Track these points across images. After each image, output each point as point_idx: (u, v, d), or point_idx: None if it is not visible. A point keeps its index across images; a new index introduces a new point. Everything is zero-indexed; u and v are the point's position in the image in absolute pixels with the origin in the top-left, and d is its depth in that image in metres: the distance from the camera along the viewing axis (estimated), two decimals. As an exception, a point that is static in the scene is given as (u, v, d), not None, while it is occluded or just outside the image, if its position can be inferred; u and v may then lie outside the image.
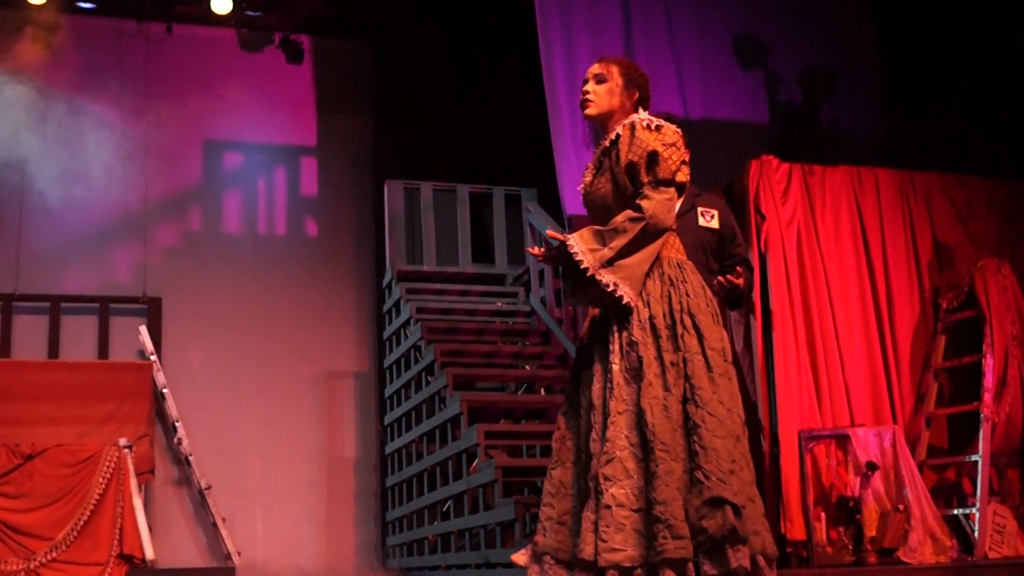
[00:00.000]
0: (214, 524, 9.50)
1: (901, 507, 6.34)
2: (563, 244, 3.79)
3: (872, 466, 6.40)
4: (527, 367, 8.17)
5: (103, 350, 9.97)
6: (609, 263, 3.72)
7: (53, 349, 9.89)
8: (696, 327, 3.73)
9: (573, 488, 3.85)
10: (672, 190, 3.79)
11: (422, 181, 9.50)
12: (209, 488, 9.53)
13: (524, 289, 8.95)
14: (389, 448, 9.18)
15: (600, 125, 3.98)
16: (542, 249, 3.95)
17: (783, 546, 6.56)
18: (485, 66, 10.02)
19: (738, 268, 5.12)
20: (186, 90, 10.58)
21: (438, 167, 9.75)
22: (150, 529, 8.11)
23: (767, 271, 6.91)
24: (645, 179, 3.78)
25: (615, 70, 3.96)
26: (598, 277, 3.71)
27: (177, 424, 9.63)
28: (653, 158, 3.75)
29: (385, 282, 9.43)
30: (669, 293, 3.78)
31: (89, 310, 10.07)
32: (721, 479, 3.51)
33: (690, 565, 3.49)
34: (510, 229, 9.36)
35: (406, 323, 8.70)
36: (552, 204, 8.52)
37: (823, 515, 6.54)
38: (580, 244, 3.76)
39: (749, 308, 6.88)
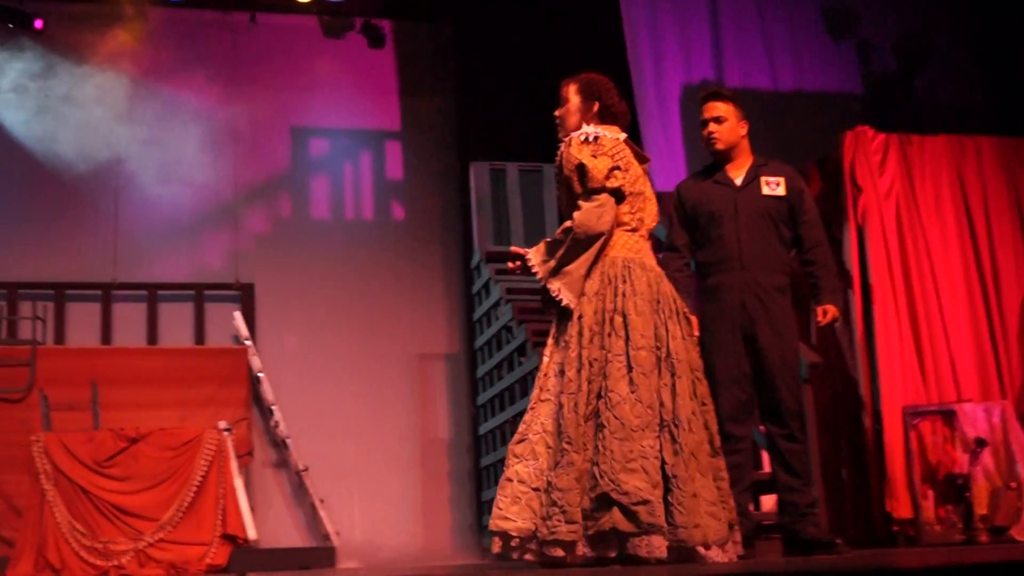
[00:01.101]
0: (312, 505, 9.51)
1: (1013, 485, 6.08)
2: (524, 258, 4.14)
3: (981, 442, 6.15)
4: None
5: (199, 336, 10.01)
6: (555, 272, 4.04)
7: (151, 336, 9.95)
8: (625, 327, 3.95)
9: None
10: (603, 197, 4.04)
11: (507, 162, 9.35)
12: (306, 470, 9.54)
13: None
14: (483, 428, 9.06)
15: None
16: (518, 264, 4.20)
17: (888, 525, 6.34)
18: (567, 44, 9.79)
19: (823, 295, 4.92)
20: (271, 78, 10.54)
21: (523, 147, 9.56)
22: (251, 510, 8.09)
23: (865, 244, 6.67)
24: (578, 191, 4.08)
25: (571, 89, 4.31)
26: (547, 285, 4.05)
27: (273, 407, 9.63)
28: (582, 170, 4.05)
29: (473, 263, 9.30)
30: (604, 293, 4.01)
31: (185, 297, 10.11)
32: (612, 480, 3.77)
33: (579, 546, 3.81)
34: (596, 207, 9.17)
35: (496, 304, 8.57)
36: (640, 181, 8.33)
37: (930, 493, 6.32)
38: (536, 257, 4.12)
39: (847, 283, 6.64)
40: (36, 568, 7.56)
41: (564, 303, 4.01)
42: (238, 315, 9.91)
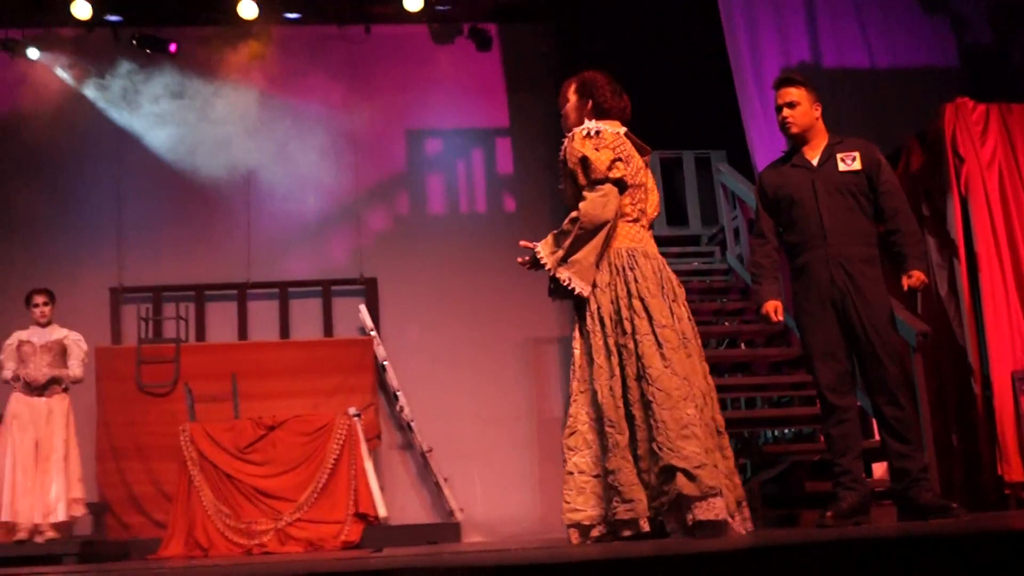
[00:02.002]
0: (437, 484, 9.58)
1: (1125, 444, 5.80)
2: (533, 250, 4.20)
3: (1091, 404, 5.87)
4: (727, 323, 7.87)
5: (328, 328, 10.18)
6: (563, 261, 4.07)
7: (284, 330, 10.15)
8: (646, 309, 3.95)
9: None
10: (607, 187, 4.07)
11: (613, 151, 9.25)
12: (430, 451, 9.62)
13: (720, 248, 8.63)
14: (596, 406, 8.99)
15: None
16: (527, 258, 4.25)
17: (1000, 489, 6.10)
18: (666, 34, 9.68)
19: (908, 261, 4.71)
20: (386, 85, 10.65)
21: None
22: (381, 489, 8.18)
23: (969, 214, 6.42)
24: (582, 182, 4.10)
25: (569, 89, 4.36)
26: (556, 274, 4.08)
27: (398, 393, 9.74)
28: (585, 162, 4.09)
29: (583, 250, 9.24)
30: (616, 282, 4.02)
31: (313, 293, 10.29)
32: (671, 448, 3.76)
33: (641, 522, 3.82)
34: (702, 191, 9.04)
35: (607, 287, 8.51)
36: (742, 163, 8.18)
37: (1042, 456, 6.04)
38: (544, 249, 4.16)
39: (952, 252, 6.42)
40: (187, 547, 7.76)
41: (576, 291, 4.04)
42: (363, 308, 10.05)
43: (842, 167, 4.74)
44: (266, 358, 9.63)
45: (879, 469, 6.16)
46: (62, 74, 10.39)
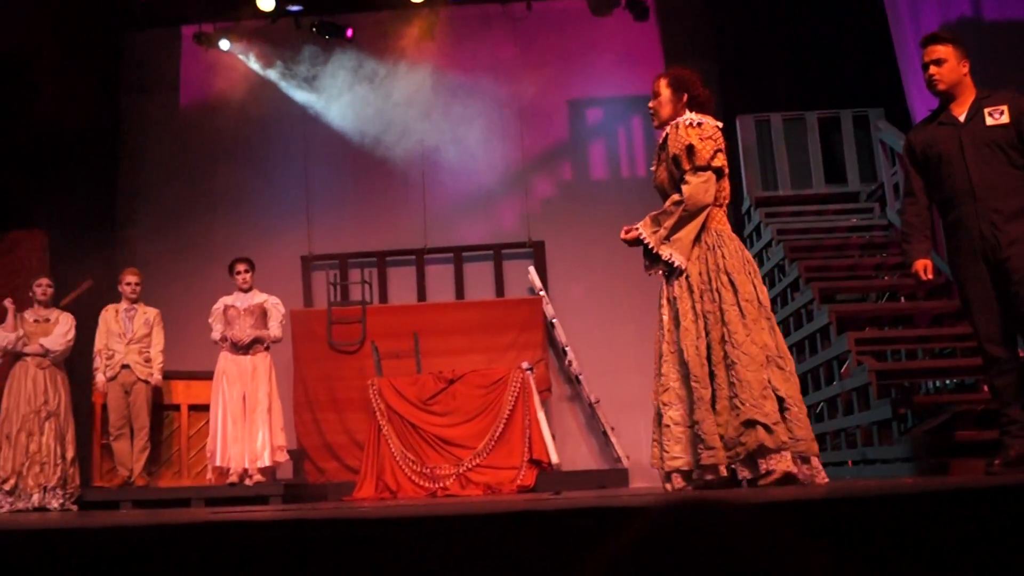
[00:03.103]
0: (604, 432, 9.61)
1: None
2: (636, 231, 4.40)
3: None
4: (887, 277, 7.58)
5: (499, 289, 10.29)
6: (666, 239, 4.30)
7: (459, 291, 10.32)
8: (732, 283, 4.17)
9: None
10: (708, 174, 4.29)
11: (771, 113, 9.01)
12: (598, 402, 9.64)
13: (879, 204, 8.30)
14: (758, 360, 8.81)
15: (662, 129, 4.49)
16: (632, 234, 4.44)
17: None
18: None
19: None
20: (548, 58, 10.62)
21: (783, 98, 9.20)
22: (552, 438, 8.26)
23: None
24: (686, 167, 4.27)
25: (662, 83, 4.48)
26: (659, 251, 4.31)
27: (567, 348, 9.78)
28: (690, 150, 4.26)
29: (743, 209, 9.06)
30: (706, 256, 4.24)
31: (485, 256, 10.41)
32: (754, 405, 3.99)
33: (720, 468, 4.04)
34: (860, 148, 8.68)
35: (767, 245, 8.33)
36: (901, 120, 7.83)
37: None
38: (646, 229, 4.37)
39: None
40: (377, 490, 8.01)
41: (677, 264, 4.26)
42: (532, 269, 10.12)
43: (990, 121, 4.49)
44: (444, 318, 9.82)
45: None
46: (251, 62, 10.76)
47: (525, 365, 8.42)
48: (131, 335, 7.94)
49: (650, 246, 4.34)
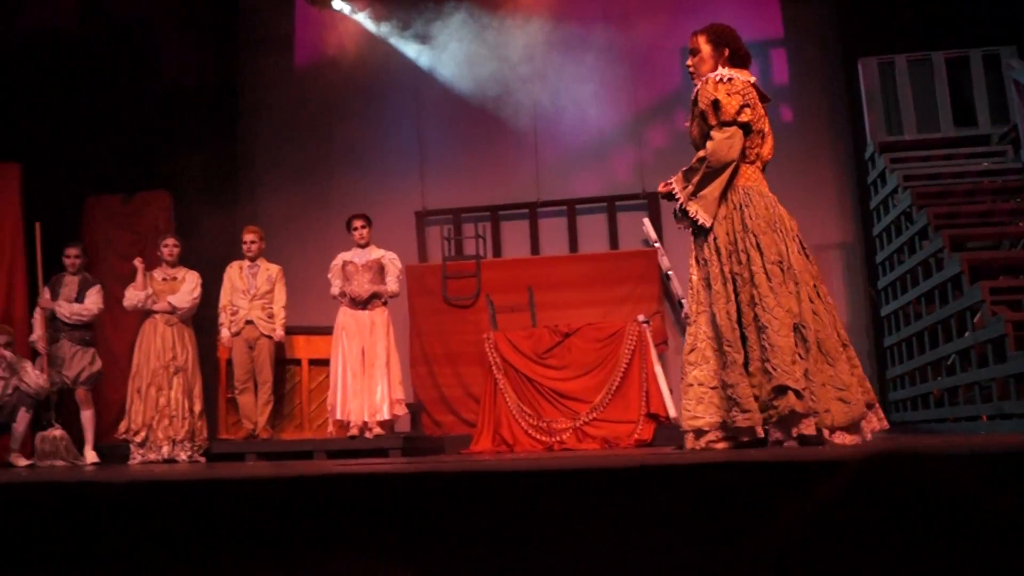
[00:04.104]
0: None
1: None
2: (669, 185, 4.44)
3: None
4: (1021, 224, 7.20)
5: (613, 241, 10.18)
6: (694, 195, 4.29)
7: (572, 244, 10.24)
8: (758, 245, 4.16)
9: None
10: (733, 129, 4.23)
11: (895, 54, 8.62)
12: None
13: (1012, 147, 7.88)
14: (884, 311, 8.53)
15: None
16: (660, 190, 4.52)
17: None
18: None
19: None
20: (661, 4, 10.37)
21: (907, 38, 8.78)
22: (670, 391, 8.14)
23: None
24: (712, 123, 4.26)
25: (701, 40, 4.48)
26: (686, 207, 4.32)
27: (683, 301, 9.61)
28: (716, 105, 4.25)
29: (867, 155, 8.71)
30: (732, 216, 4.22)
31: (598, 209, 10.30)
32: (785, 371, 4.01)
33: (757, 429, 4.10)
34: (990, 89, 8.23)
35: (893, 192, 8.00)
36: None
37: None
38: (677, 184, 4.39)
39: None
40: (494, 443, 8.04)
41: (700, 222, 4.26)
42: (646, 221, 9.96)
43: None
44: (558, 271, 9.76)
45: None
46: (363, 19, 10.79)
47: (641, 318, 8.30)
48: (254, 291, 8.10)
49: (679, 200, 4.37)
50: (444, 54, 10.59)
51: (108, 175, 9.65)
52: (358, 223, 8.05)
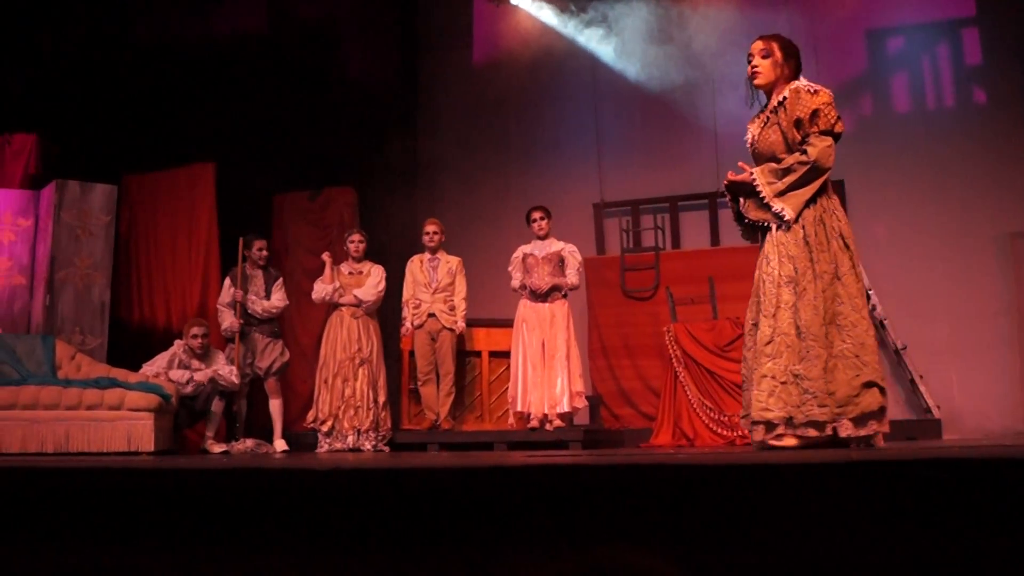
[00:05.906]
0: (911, 381, 9.09)
1: None
2: (750, 176, 4.50)
3: None
4: None
5: (795, 232, 9.88)
6: (781, 194, 4.40)
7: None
8: (847, 247, 4.33)
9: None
10: (831, 139, 4.39)
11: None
12: (904, 348, 9.13)
13: None
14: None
15: (766, 92, 4.64)
16: (732, 178, 4.62)
17: None
18: None
19: None
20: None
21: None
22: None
23: None
24: (810, 130, 4.39)
25: (775, 46, 4.63)
26: (771, 203, 4.41)
27: (870, 292, 9.28)
28: (816, 114, 4.39)
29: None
30: (823, 218, 4.37)
31: (778, 198, 10.01)
32: (875, 368, 4.20)
33: (828, 425, 4.17)
34: None
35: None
36: None
37: None
38: (761, 179, 4.47)
39: None
40: (674, 437, 7.97)
41: (787, 218, 4.36)
42: (830, 210, 9.63)
43: None
44: (739, 262, 9.54)
45: None
46: (540, 13, 10.86)
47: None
48: (436, 284, 8.29)
49: (762, 196, 4.45)
50: (622, 44, 10.57)
51: (295, 173, 10.07)
52: (537, 215, 8.11)
